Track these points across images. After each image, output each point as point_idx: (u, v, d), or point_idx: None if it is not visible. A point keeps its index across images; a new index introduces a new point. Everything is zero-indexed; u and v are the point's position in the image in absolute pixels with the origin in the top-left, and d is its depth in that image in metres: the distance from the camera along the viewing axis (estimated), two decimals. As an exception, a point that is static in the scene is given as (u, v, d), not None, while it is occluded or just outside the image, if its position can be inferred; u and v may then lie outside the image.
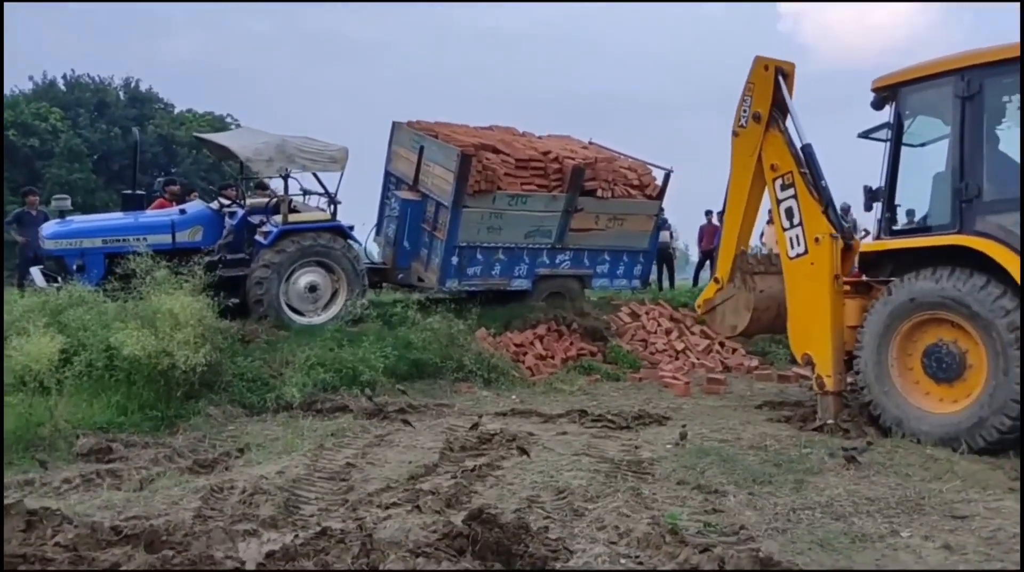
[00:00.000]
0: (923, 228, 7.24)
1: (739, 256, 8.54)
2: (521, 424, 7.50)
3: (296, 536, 4.11)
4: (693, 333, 12.23)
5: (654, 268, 16.15)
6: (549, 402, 8.78)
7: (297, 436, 6.71)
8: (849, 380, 7.43)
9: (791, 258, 7.77)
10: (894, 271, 7.20)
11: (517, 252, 12.02)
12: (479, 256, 11.77)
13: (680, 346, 11.75)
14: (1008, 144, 6.86)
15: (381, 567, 3.68)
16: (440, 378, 9.42)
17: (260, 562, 3.79)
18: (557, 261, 12.39)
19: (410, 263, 11.98)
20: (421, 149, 11.91)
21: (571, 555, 4.10)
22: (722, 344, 11.95)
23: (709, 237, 17.34)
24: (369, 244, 12.57)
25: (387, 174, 12.95)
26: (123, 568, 3.50)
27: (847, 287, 7.56)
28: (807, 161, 7.74)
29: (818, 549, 4.26)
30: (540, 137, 13.68)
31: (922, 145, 7.51)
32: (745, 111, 8.12)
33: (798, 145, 7.80)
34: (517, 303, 12.05)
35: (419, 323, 9.94)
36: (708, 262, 17.34)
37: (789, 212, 7.78)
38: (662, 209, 13.44)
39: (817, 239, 7.51)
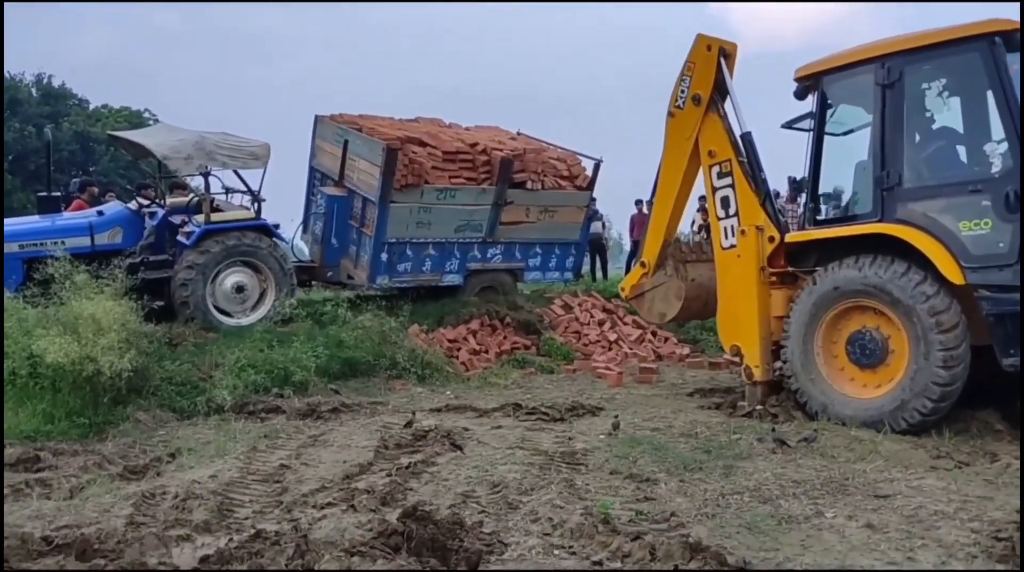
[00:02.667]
0: (846, 217, 7.37)
1: (672, 243, 8.55)
2: (456, 419, 7.50)
3: (230, 540, 4.05)
4: (626, 323, 12.39)
5: (587, 259, 16.27)
6: (484, 396, 8.79)
7: (229, 439, 6.61)
8: (777, 365, 7.59)
9: (723, 248, 7.79)
10: (819, 261, 7.29)
11: (448, 247, 11.98)
12: (409, 252, 11.69)
13: (613, 337, 11.90)
14: (931, 131, 7.04)
15: (316, 567, 3.65)
16: (373, 376, 9.35)
17: (195, 567, 3.72)
18: (488, 255, 12.39)
19: (339, 260, 11.83)
20: (345, 143, 11.75)
21: (505, 548, 4.13)
22: (654, 333, 12.15)
23: (640, 226, 17.50)
24: (296, 242, 12.38)
25: (311, 169, 12.77)
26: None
27: (774, 278, 7.64)
28: (747, 150, 7.74)
29: (746, 532, 4.36)
30: (467, 128, 13.58)
31: (845, 134, 7.60)
32: (683, 92, 7.97)
33: (737, 132, 7.78)
34: (449, 299, 12.02)
35: (350, 321, 9.87)
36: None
37: (725, 201, 7.79)
38: (593, 199, 13.54)
39: (744, 231, 7.59)
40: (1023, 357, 6.04)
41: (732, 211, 7.76)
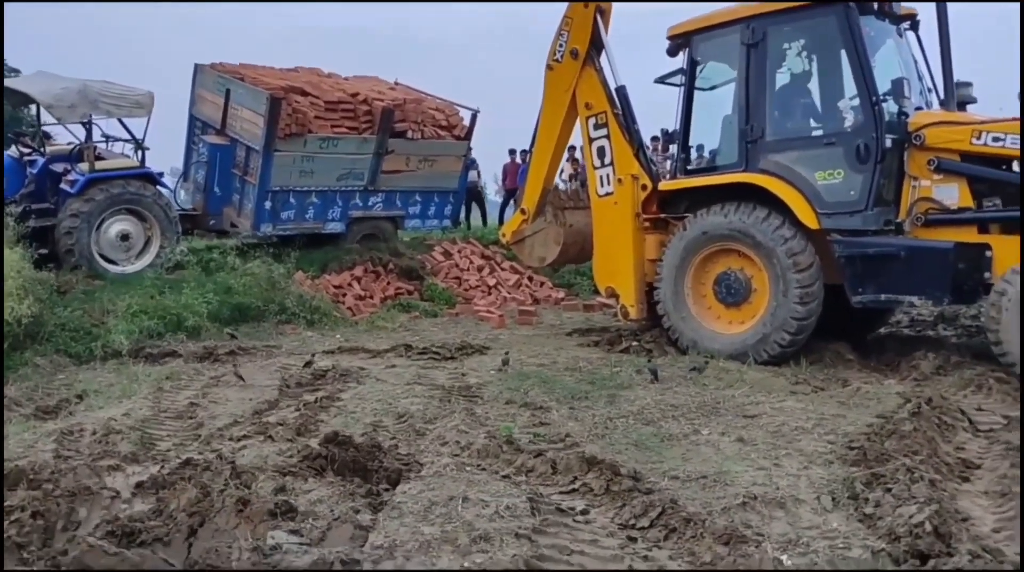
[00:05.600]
0: (713, 167, 8.02)
1: (551, 191, 8.99)
2: (351, 360, 7.74)
3: (162, 467, 4.23)
4: (503, 269, 12.87)
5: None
6: (374, 339, 9.05)
7: (132, 381, 6.66)
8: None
9: (600, 196, 8.31)
10: (688, 208, 7.89)
11: (330, 195, 12.08)
12: (292, 200, 11.74)
13: (492, 282, 12.36)
14: (791, 89, 7.69)
15: (254, 486, 3.92)
16: (263, 321, 9.47)
17: (132, 491, 3.92)
18: (370, 203, 12.57)
19: (222, 209, 11.75)
20: (228, 92, 11.61)
21: (421, 467, 4.50)
22: (531, 278, 12.69)
23: (512, 176, 17.89)
24: (177, 190, 12.13)
25: (192, 118, 12.50)
26: (8, 503, 3.54)
27: (647, 224, 8.20)
28: (621, 102, 8.20)
29: (633, 449, 4.89)
30: (346, 78, 13.59)
31: (712, 88, 8.16)
32: (561, 46, 8.33)
33: (612, 85, 8.21)
34: (332, 246, 12.19)
35: (238, 268, 9.89)
36: (512, 201, 17.98)
37: (601, 151, 8.27)
38: (470, 149, 13.87)
39: (620, 180, 8.11)
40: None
41: (608, 161, 8.25)
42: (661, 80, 8.54)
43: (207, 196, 11.72)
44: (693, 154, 8.35)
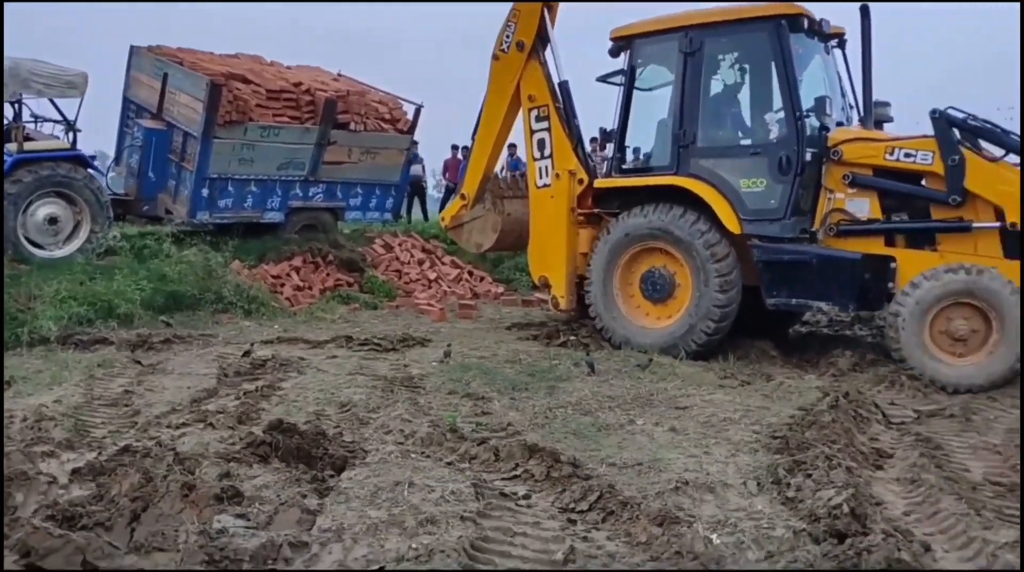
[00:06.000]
0: (647, 168, 8.25)
1: (491, 179, 9.11)
2: (291, 350, 7.73)
3: (99, 454, 4.21)
4: (444, 263, 12.93)
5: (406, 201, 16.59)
6: (313, 330, 9.05)
7: (62, 368, 6.52)
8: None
9: (538, 187, 8.47)
10: (621, 206, 8.08)
11: (270, 184, 11.96)
12: (230, 188, 11.58)
13: (432, 275, 12.42)
14: (723, 98, 7.95)
15: (197, 472, 3.95)
16: (199, 310, 9.35)
17: (69, 477, 3.90)
18: (310, 194, 12.48)
19: (156, 194, 11.51)
20: (165, 76, 11.38)
21: (366, 454, 4.58)
22: (471, 273, 12.79)
23: (453, 171, 17.99)
24: (108, 174, 11.86)
25: (126, 100, 12.21)
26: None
27: (581, 218, 8.39)
28: (563, 97, 8.35)
29: (572, 437, 5.06)
30: (288, 67, 13.46)
31: (650, 90, 8.36)
32: (508, 37, 8.45)
33: (556, 79, 8.36)
34: (271, 236, 12.09)
35: (173, 256, 9.75)
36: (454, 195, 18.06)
37: (541, 143, 8.44)
38: (415, 143, 13.88)
39: (558, 175, 8.30)
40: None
41: (547, 153, 8.44)
42: (603, 79, 8.71)
43: (141, 181, 11.45)
44: (629, 154, 8.56)
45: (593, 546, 3.42)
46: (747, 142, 7.81)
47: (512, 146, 15.75)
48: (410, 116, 13.36)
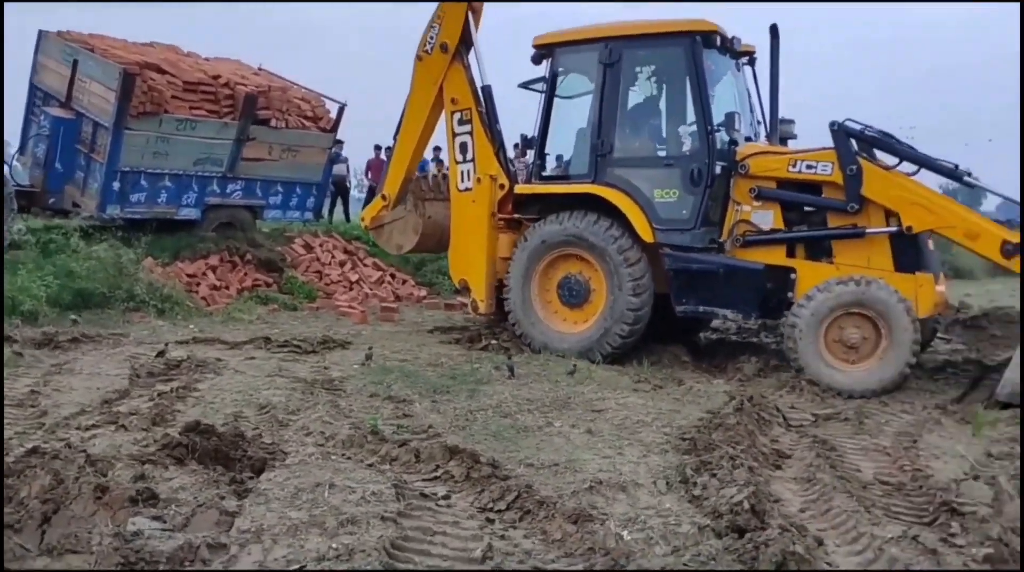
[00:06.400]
0: (566, 176, 8.44)
1: (413, 180, 9.13)
2: (207, 351, 7.62)
3: (5, 456, 4.09)
4: (366, 265, 12.89)
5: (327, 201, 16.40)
6: (230, 330, 8.93)
7: (-41, 366, 6.26)
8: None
9: (459, 190, 8.54)
10: (541, 212, 8.23)
11: (185, 180, 11.69)
12: (144, 182, 11.26)
13: (354, 277, 12.37)
14: (640, 110, 8.18)
15: (110, 474, 3.89)
16: (109, 308, 9.13)
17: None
18: (228, 190, 12.25)
19: (63, 186, 11.14)
20: (75, 63, 11.01)
21: (286, 456, 4.59)
22: (393, 276, 12.80)
23: (376, 171, 17.88)
24: (12, 164, 11.38)
25: (33, 87, 11.76)
26: None
27: (501, 222, 8.50)
28: (486, 102, 8.43)
29: (492, 439, 5.16)
30: (206, 59, 13.19)
31: (570, 98, 8.51)
32: (432, 38, 8.46)
33: (479, 83, 8.42)
34: (186, 233, 11.80)
35: (82, 251, 9.45)
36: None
37: (463, 147, 8.50)
38: (339, 142, 13.73)
39: (479, 179, 8.39)
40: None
41: (469, 157, 8.51)
42: (525, 86, 8.84)
43: (47, 172, 11.04)
44: (550, 161, 8.72)
45: (510, 544, 3.54)
46: (661, 153, 8.05)
47: (437, 148, 15.78)
48: (333, 115, 13.25)
